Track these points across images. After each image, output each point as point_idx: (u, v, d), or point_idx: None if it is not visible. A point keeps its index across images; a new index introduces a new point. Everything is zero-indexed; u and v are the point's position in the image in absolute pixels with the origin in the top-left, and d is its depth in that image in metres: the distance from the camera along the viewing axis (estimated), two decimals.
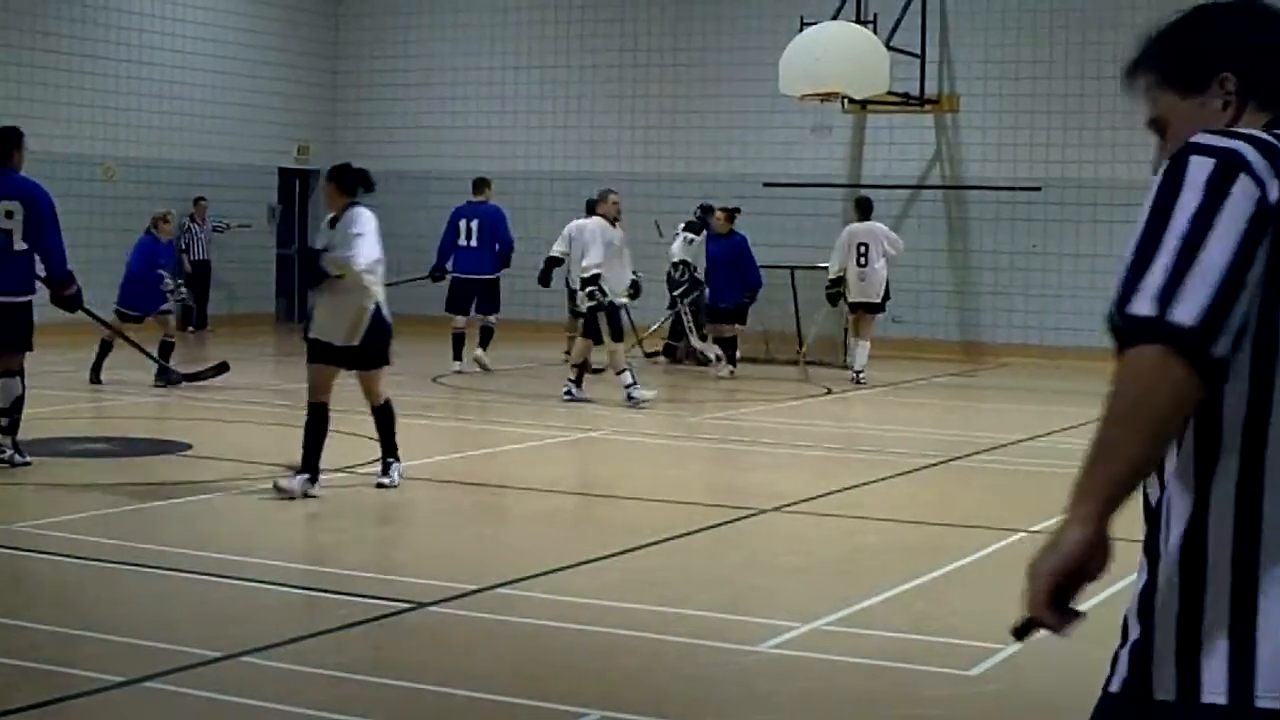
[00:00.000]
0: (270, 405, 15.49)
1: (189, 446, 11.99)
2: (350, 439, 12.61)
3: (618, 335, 15.16)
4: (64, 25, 21.92)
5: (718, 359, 18.50)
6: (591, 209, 16.24)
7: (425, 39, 25.54)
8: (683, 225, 19.53)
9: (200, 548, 8.38)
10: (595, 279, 14.95)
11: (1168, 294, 2.21)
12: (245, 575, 7.75)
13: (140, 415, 12.52)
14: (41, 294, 11.04)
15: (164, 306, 16.92)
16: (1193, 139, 2.40)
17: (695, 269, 18.88)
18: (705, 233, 18.84)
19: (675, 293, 19.14)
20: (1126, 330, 2.23)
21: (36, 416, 13.52)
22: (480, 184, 19.03)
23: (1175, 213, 2.29)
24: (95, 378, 16.06)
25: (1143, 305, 2.22)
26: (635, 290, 15.66)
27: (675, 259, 19.19)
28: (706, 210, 19.14)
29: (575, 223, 15.93)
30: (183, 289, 17.72)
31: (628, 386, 15.06)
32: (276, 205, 25.55)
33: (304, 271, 10.84)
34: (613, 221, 15.27)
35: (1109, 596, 7.58)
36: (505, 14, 25.00)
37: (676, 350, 20.40)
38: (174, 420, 12.50)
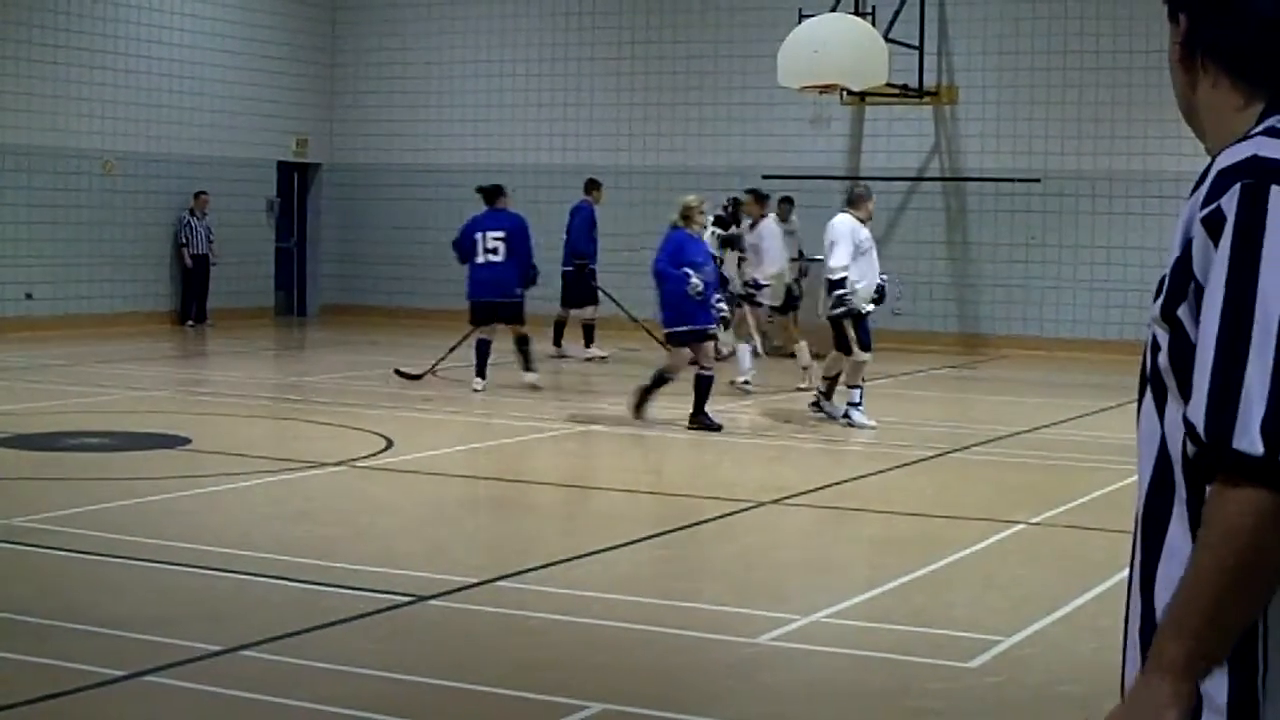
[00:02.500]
0: (268, 399, 15.50)
1: (188, 440, 12.00)
2: (351, 432, 12.62)
3: (865, 345, 13.68)
4: (62, 20, 21.89)
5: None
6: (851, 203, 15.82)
7: (423, 32, 25.52)
8: (711, 220, 19.74)
9: (200, 541, 8.38)
10: (842, 282, 13.56)
11: (1277, 426, 1.79)
12: (245, 569, 7.75)
13: (139, 410, 12.55)
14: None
15: (705, 325, 13.43)
16: (1260, 152, 1.90)
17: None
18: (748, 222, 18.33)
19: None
20: (1227, 467, 1.82)
21: (36, 411, 13.52)
22: (590, 185, 19.58)
23: (1266, 288, 1.82)
24: (638, 411, 13.54)
25: (1246, 441, 1.79)
26: (880, 295, 14.10)
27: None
28: (736, 204, 19.15)
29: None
30: (721, 303, 13.85)
31: (852, 405, 13.70)
32: (275, 199, 25.54)
33: None
34: (863, 222, 13.89)
35: (1106, 590, 7.57)
36: (503, 6, 24.98)
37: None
38: (173, 414, 12.51)
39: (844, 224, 13.84)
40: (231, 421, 13.32)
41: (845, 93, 20.75)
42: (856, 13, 20.50)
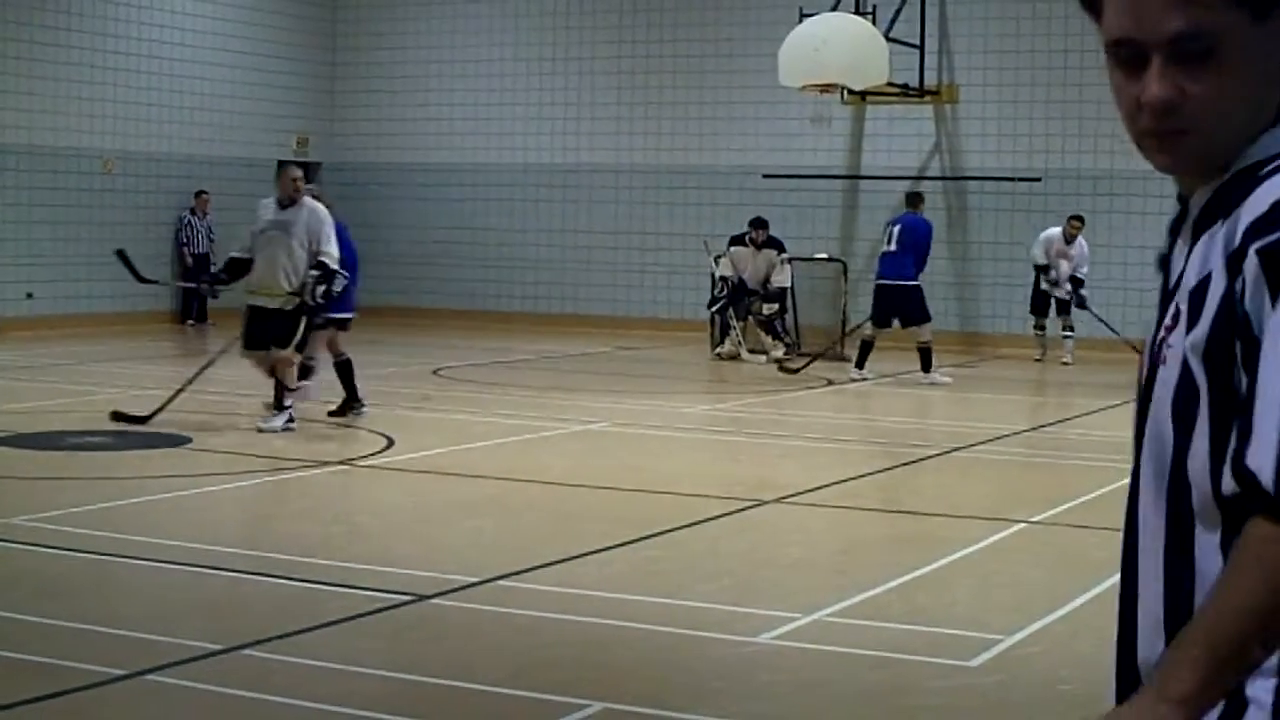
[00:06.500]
0: (268, 398, 15.47)
1: (189, 440, 12.00)
2: (352, 431, 12.62)
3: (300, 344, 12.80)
4: (62, 19, 21.89)
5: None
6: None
7: (424, 30, 25.52)
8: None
9: (201, 540, 8.38)
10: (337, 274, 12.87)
11: None
12: (246, 568, 7.75)
13: (139, 409, 12.55)
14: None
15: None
16: None
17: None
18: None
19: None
20: (1269, 501, 1.71)
21: (37, 409, 13.52)
22: (914, 197, 18.51)
23: None
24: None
25: None
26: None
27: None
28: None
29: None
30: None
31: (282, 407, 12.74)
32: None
33: None
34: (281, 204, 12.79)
35: (1107, 589, 7.57)
36: (504, 5, 24.99)
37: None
38: (173, 414, 12.51)
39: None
40: (232, 421, 13.31)
41: (846, 92, 20.75)
42: (857, 12, 20.50)
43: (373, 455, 11.49)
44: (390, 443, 12.04)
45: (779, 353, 19.50)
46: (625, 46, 24.12)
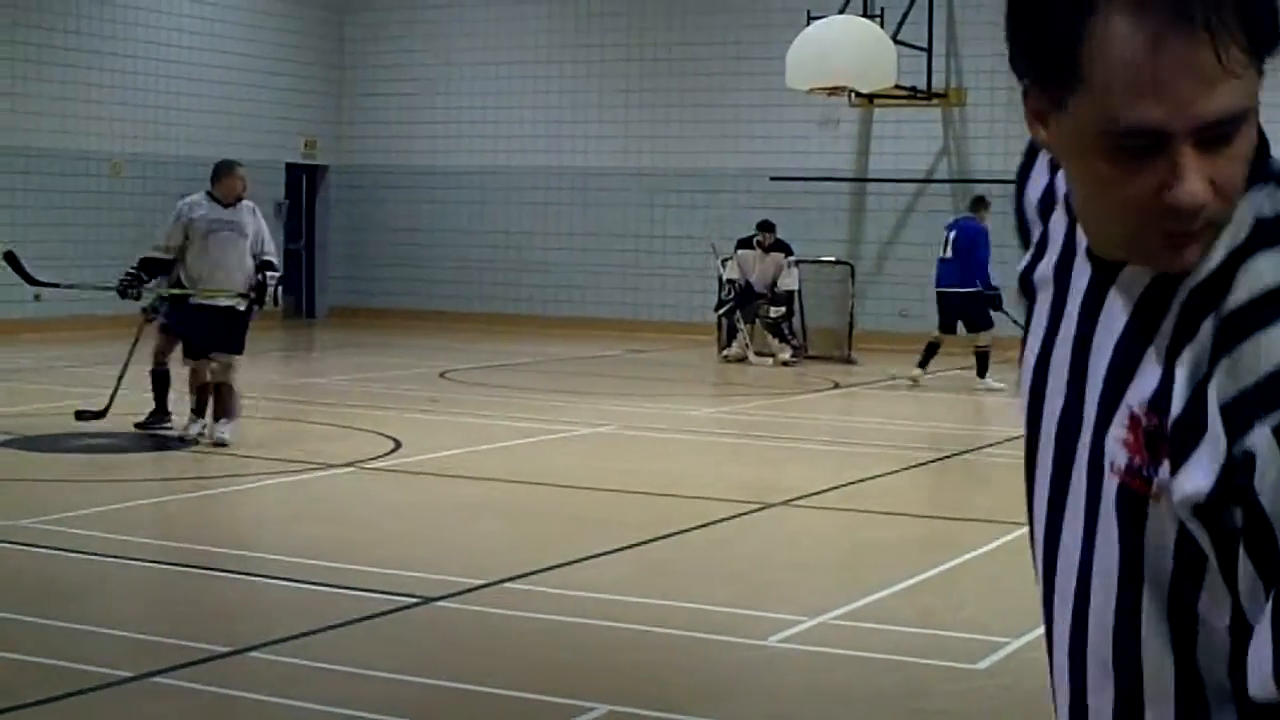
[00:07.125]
0: (276, 401, 15.49)
1: (195, 442, 12.00)
2: (360, 434, 12.61)
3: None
4: (70, 22, 21.92)
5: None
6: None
7: (432, 33, 25.53)
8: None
9: (208, 542, 8.38)
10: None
11: None
12: (253, 570, 7.75)
13: (145, 411, 12.56)
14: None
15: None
16: None
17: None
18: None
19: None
20: None
21: (42, 412, 13.53)
22: (976, 202, 18.29)
23: None
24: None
25: None
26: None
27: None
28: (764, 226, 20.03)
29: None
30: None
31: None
32: (284, 201, 25.54)
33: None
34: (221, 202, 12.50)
35: None
36: (512, 8, 24.99)
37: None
38: (180, 416, 12.52)
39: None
40: (240, 423, 13.31)
41: (853, 94, 20.73)
42: (865, 14, 20.48)
43: (380, 457, 11.49)
44: (397, 445, 12.04)
45: (786, 355, 19.50)
46: (633, 49, 24.12)
